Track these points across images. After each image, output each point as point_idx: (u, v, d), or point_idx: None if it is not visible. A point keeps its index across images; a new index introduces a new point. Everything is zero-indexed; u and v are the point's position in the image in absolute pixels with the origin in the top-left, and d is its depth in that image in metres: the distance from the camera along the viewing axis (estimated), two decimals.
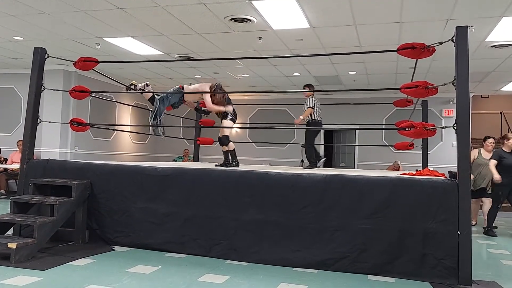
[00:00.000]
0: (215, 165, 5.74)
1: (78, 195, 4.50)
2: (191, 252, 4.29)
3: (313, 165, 6.51)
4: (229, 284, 3.38)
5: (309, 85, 6.74)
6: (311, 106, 6.35)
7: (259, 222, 4.14)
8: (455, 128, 3.71)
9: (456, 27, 3.80)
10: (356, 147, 12.44)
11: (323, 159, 6.73)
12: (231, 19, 6.42)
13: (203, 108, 6.16)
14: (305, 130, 6.71)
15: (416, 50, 4.03)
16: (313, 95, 6.55)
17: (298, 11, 5.97)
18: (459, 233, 3.60)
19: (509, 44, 7.23)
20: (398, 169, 10.26)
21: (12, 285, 3.14)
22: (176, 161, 12.44)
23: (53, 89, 5.95)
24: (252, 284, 3.40)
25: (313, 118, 6.41)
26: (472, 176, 6.62)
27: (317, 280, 3.60)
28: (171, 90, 5.68)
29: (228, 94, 5.73)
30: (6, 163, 9.92)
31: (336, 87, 11.41)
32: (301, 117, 6.43)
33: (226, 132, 5.88)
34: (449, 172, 9.68)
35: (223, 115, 5.74)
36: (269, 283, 3.45)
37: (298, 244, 4.01)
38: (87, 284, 3.21)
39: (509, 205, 6.45)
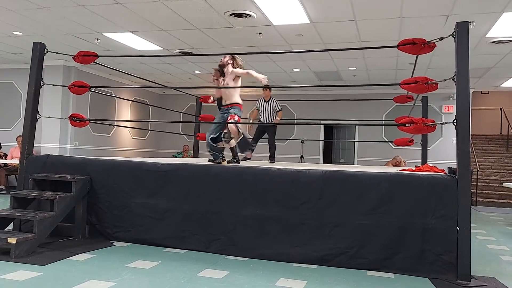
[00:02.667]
0: (208, 161, 5.71)
1: (78, 190, 4.51)
2: (190, 247, 4.30)
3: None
4: (228, 279, 3.39)
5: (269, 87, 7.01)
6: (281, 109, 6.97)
7: (258, 218, 4.15)
8: (455, 124, 3.71)
9: (457, 22, 3.79)
10: (356, 143, 12.46)
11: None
12: (231, 14, 6.40)
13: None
14: (273, 128, 7.09)
15: (417, 46, 4.01)
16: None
17: (298, 6, 5.96)
18: (458, 228, 3.61)
19: (509, 40, 7.21)
20: (398, 165, 10.24)
21: (12, 280, 3.14)
22: (175, 156, 12.45)
23: (53, 84, 5.93)
24: (251, 279, 3.41)
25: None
26: None
27: (316, 275, 3.61)
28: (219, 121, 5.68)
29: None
30: (6, 159, 9.92)
31: (336, 83, 11.39)
32: (278, 118, 6.97)
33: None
34: (449, 168, 9.66)
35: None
36: (268, 278, 3.46)
37: (297, 239, 4.02)
38: (87, 279, 3.21)
39: (508, 201, 6.36)
